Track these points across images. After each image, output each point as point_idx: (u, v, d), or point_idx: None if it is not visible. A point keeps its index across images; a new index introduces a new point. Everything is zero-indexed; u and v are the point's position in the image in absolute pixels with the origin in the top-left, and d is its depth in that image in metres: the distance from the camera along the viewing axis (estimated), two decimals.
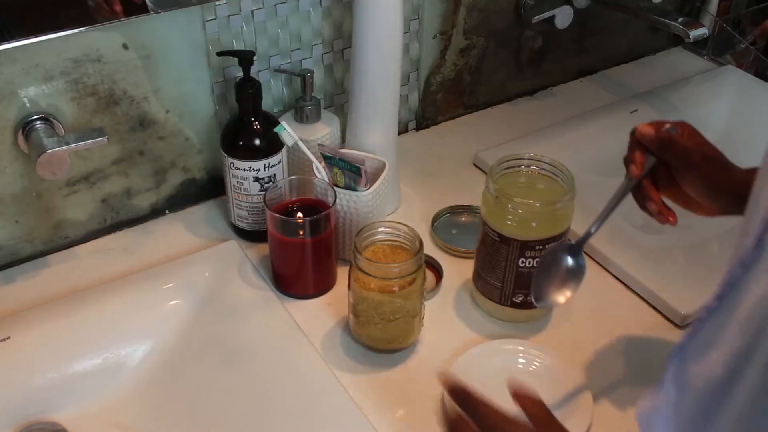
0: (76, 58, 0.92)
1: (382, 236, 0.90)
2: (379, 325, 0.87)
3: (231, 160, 0.99)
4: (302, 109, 1.06)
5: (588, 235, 0.83)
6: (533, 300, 0.84)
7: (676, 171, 0.79)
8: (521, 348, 0.91)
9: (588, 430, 0.83)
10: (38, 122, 0.92)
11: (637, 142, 0.81)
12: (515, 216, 0.87)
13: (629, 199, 0.85)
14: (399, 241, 0.90)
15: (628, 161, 0.81)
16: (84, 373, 0.89)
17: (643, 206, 0.82)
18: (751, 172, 0.79)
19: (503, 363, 0.89)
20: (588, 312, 0.98)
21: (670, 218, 0.81)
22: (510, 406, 0.66)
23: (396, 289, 0.86)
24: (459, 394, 0.66)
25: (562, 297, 0.83)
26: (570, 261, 0.84)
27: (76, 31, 0.90)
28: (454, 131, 1.31)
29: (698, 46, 1.52)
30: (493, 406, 0.65)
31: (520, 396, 0.66)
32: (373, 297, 0.86)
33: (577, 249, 0.84)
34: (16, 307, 0.94)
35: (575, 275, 0.83)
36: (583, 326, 0.96)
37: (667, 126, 0.80)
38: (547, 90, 1.42)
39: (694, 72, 1.46)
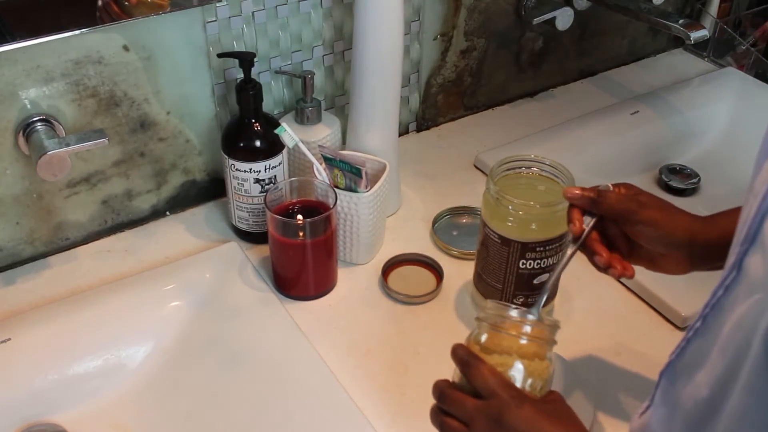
0: (76, 59, 0.93)
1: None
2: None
3: (232, 161, 0.99)
4: (303, 110, 1.06)
5: (540, 301, 0.77)
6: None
7: (623, 225, 0.78)
8: None
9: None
10: (39, 124, 0.92)
11: (570, 205, 0.80)
12: (516, 217, 0.87)
13: None
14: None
15: (567, 223, 0.80)
16: (85, 375, 0.89)
17: (594, 264, 0.79)
18: (708, 219, 0.78)
19: None
20: (588, 313, 0.98)
21: (627, 271, 0.79)
22: None
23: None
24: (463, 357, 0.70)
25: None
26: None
27: (76, 32, 0.90)
28: (454, 132, 1.31)
29: (699, 48, 1.52)
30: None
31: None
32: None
33: (531, 313, 0.80)
34: (16, 309, 0.94)
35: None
36: (583, 327, 0.96)
37: (603, 185, 0.79)
38: (548, 91, 1.43)
39: (695, 73, 1.46)
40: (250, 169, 0.99)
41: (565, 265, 0.79)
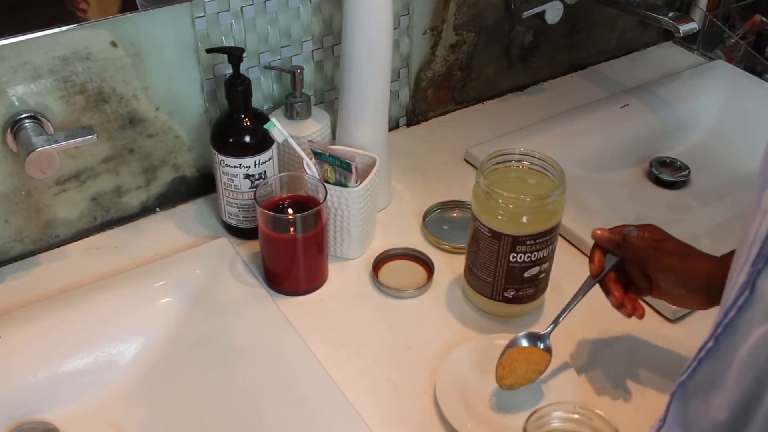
0: (64, 56, 0.92)
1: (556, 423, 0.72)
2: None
3: (221, 157, 0.98)
4: (292, 105, 1.06)
5: (555, 325, 0.86)
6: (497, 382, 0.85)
7: (645, 269, 0.83)
8: None
9: None
10: (27, 121, 0.91)
11: (595, 243, 0.85)
12: (506, 211, 0.87)
13: (620, 199, 0.85)
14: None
15: (589, 261, 0.86)
16: (75, 372, 0.89)
17: (611, 302, 0.85)
18: (725, 260, 0.80)
19: (495, 357, 0.89)
20: (579, 306, 0.97)
21: (637, 311, 0.84)
22: None
23: None
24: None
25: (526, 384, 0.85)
26: (534, 342, 0.86)
27: (64, 29, 0.90)
28: (444, 127, 1.31)
29: (688, 41, 1.53)
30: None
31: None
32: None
33: (544, 338, 0.86)
34: (6, 307, 0.94)
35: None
36: (575, 321, 0.96)
37: (628, 228, 0.84)
38: (538, 85, 1.43)
39: (685, 67, 1.47)
40: (240, 165, 0.98)
41: (579, 299, 0.85)
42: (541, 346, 0.85)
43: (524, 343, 0.85)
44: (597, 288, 1.00)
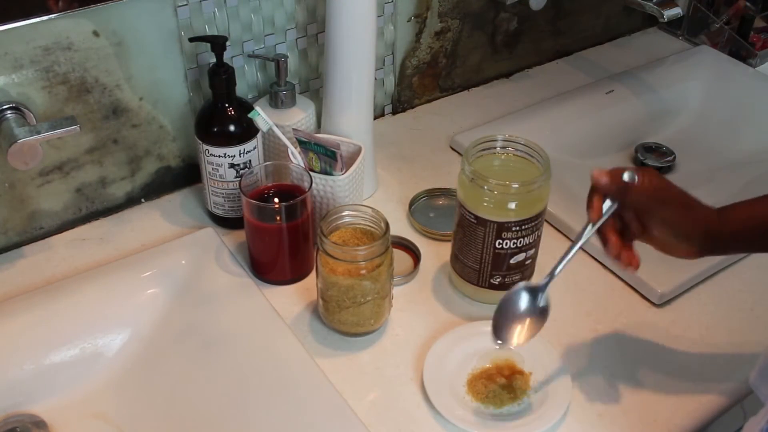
0: (45, 46, 0.91)
1: (347, 220, 0.90)
2: (350, 309, 0.87)
3: (206, 146, 0.98)
4: (277, 94, 1.05)
5: (551, 277, 0.82)
6: (492, 339, 0.82)
7: (641, 215, 0.81)
8: None
9: (567, 409, 0.83)
10: (8, 112, 0.91)
11: (594, 188, 0.82)
12: (491, 198, 0.87)
13: None
14: (365, 224, 0.90)
15: (587, 207, 0.82)
16: (61, 364, 0.89)
17: (606, 251, 0.82)
18: (723, 212, 0.80)
19: (481, 344, 0.89)
20: (565, 292, 0.98)
21: (632, 263, 0.82)
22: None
23: (364, 272, 0.86)
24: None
25: (521, 338, 0.82)
26: (533, 302, 0.83)
27: (44, 18, 0.89)
28: (430, 114, 1.31)
29: (673, 27, 1.53)
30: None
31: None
32: (342, 281, 0.86)
33: (541, 290, 0.83)
34: None
35: (539, 316, 0.83)
36: (561, 306, 0.96)
37: (626, 173, 0.80)
38: (523, 72, 1.43)
39: (669, 52, 1.47)
40: (225, 154, 0.98)
41: (579, 247, 0.81)
42: (540, 297, 0.82)
43: (523, 298, 0.82)
44: (581, 269, 1.01)
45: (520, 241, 0.90)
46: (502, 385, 0.85)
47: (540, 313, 0.83)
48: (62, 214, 1.03)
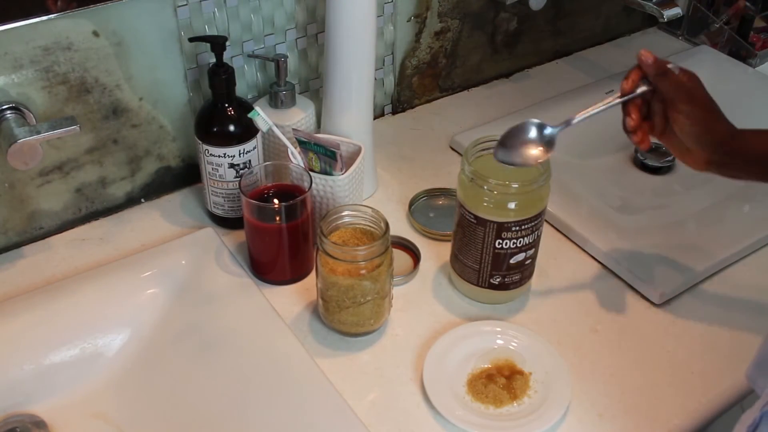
0: (45, 46, 0.91)
1: (347, 220, 0.90)
2: (350, 309, 0.87)
3: (205, 146, 0.98)
4: (276, 94, 1.05)
5: (567, 125, 0.85)
6: (494, 153, 0.85)
7: (668, 106, 0.83)
8: (499, 329, 0.91)
9: (567, 409, 0.83)
10: (8, 112, 0.91)
11: (637, 65, 0.85)
12: (491, 198, 0.88)
13: (606, 185, 0.85)
14: (364, 224, 0.90)
15: (624, 78, 0.86)
16: (61, 364, 0.89)
17: (623, 123, 0.86)
18: (743, 133, 0.83)
19: (481, 344, 0.89)
20: (565, 292, 0.98)
21: (643, 142, 0.86)
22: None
23: (364, 272, 0.86)
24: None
25: (524, 158, 0.85)
26: (541, 131, 0.85)
27: (44, 18, 0.89)
28: (430, 114, 1.31)
29: (673, 27, 1.53)
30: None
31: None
32: (342, 281, 0.86)
33: (551, 133, 0.86)
34: None
35: (545, 144, 0.85)
36: (561, 306, 0.96)
37: (674, 64, 0.84)
38: (523, 72, 1.43)
39: (669, 52, 1.47)
40: (224, 154, 0.98)
41: (600, 109, 0.85)
42: (548, 131, 0.85)
43: (532, 130, 0.85)
44: (581, 269, 1.01)
45: (520, 241, 0.90)
46: (502, 385, 0.85)
47: (547, 143, 0.85)
48: (62, 214, 1.03)
